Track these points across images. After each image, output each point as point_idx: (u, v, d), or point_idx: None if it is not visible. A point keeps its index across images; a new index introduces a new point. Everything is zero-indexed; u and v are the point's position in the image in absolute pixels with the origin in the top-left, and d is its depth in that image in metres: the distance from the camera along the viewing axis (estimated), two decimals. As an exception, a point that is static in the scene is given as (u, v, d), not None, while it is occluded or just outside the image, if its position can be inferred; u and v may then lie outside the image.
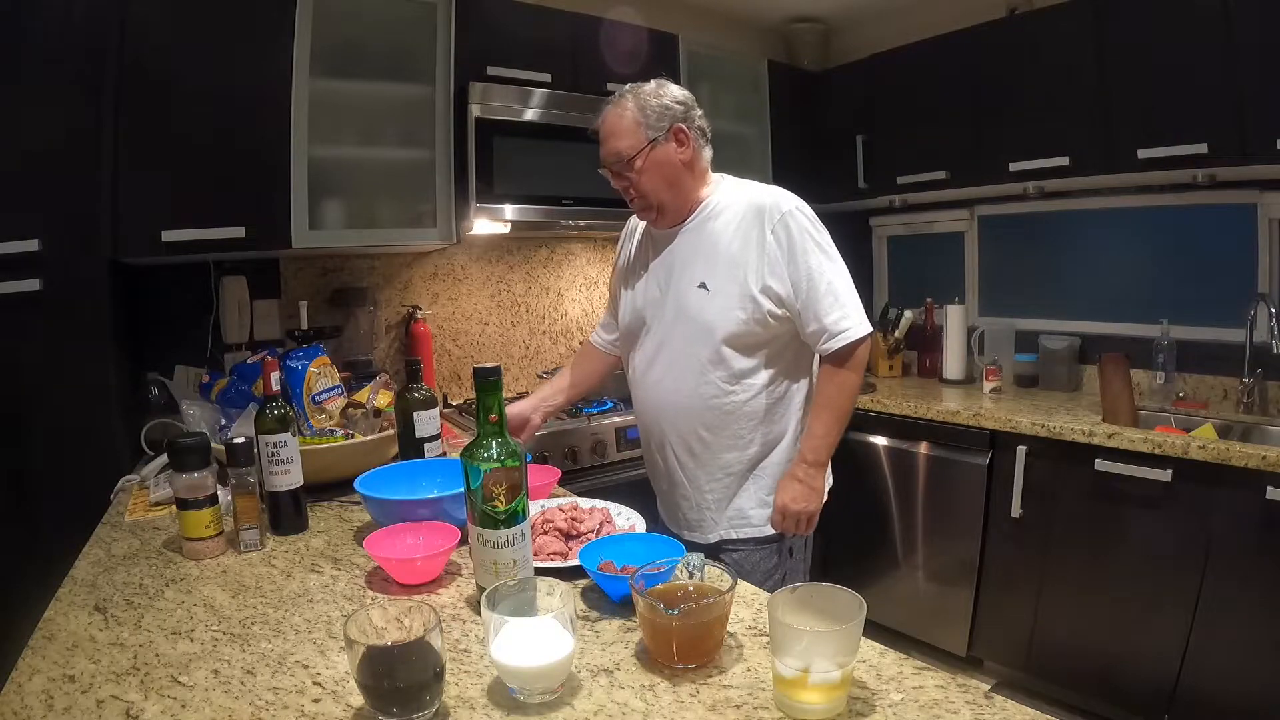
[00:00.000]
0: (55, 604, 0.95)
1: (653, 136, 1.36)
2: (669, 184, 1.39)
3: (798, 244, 1.34)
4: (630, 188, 1.41)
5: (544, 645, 0.69)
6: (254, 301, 2.12)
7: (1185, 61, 1.95)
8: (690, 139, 1.39)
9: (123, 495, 1.45)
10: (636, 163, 1.37)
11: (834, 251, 1.38)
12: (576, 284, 2.79)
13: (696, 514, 1.49)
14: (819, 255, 1.35)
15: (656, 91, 1.38)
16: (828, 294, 1.34)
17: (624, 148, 1.37)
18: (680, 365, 1.42)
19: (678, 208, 1.43)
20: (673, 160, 1.38)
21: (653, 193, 1.39)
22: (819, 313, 1.34)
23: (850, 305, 1.36)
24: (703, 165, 1.44)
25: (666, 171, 1.38)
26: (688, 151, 1.39)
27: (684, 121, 1.38)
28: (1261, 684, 1.68)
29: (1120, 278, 2.48)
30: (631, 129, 1.36)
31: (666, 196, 1.40)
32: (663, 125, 1.36)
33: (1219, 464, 1.71)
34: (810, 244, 1.35)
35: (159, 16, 1.66)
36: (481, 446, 0.86)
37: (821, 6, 3.01)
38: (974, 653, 2.29)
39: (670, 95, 1.39)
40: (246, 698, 0.72)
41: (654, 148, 1.37)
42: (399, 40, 2.01)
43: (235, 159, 1.76)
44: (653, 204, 1.41)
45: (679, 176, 1.40)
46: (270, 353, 1.59)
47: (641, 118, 1.36)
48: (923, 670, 0.74)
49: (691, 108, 1.41)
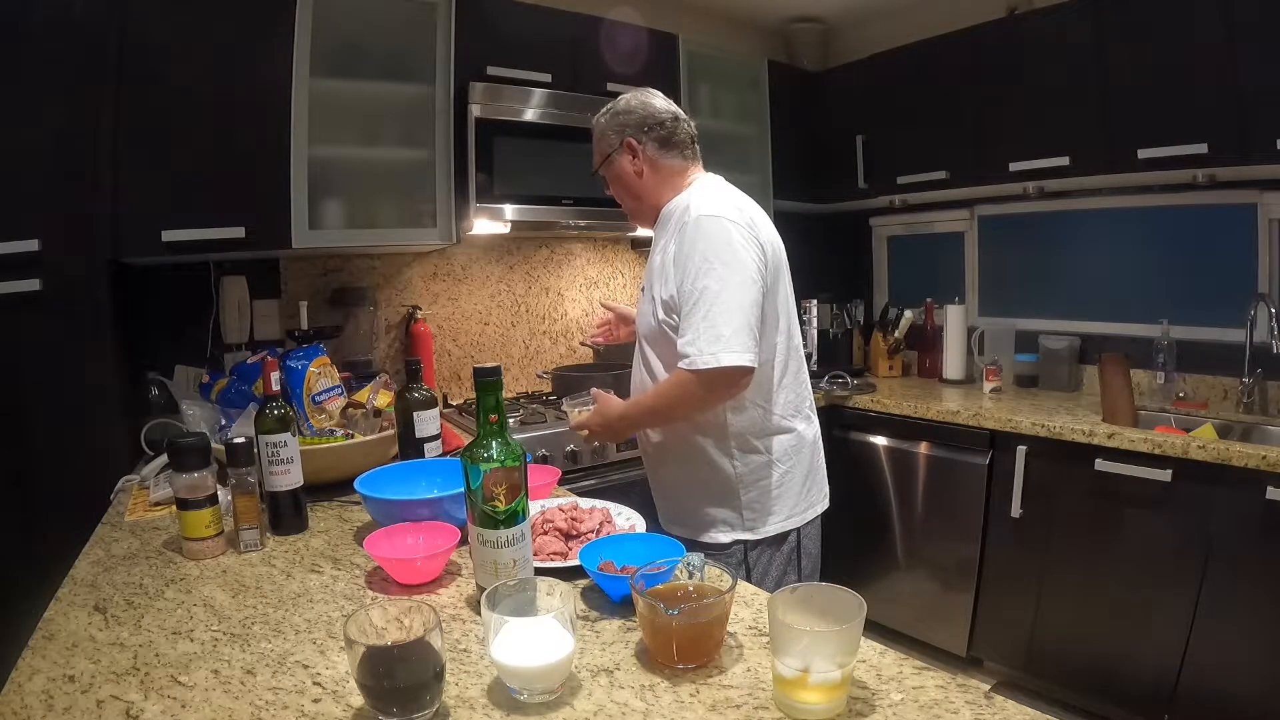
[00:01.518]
0: (55, 604, 0.95)
1: (609, 151, 1.45)
2: (630, 193, 1.47)
3: (687, 252, 1.29)
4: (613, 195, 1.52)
5: (544, 645, 0.69)
6: (254, 301, 2.12)
7: (1185, 61, 1.95)
8: (640, 150, 1.42)
9: (123, 495, 1.45)
10: (603, 173, 1.49)
11: (724, 268, 1.26)
12: (576, 284, 2.79)
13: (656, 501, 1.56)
14: (701, 268, 1.26)
15: (617, 107, 1.45)
16: (693, 310, 1.26)
17: (594, 159, 1.50)
18: (635, 368, 1.49)
19: (644, 214, 1.49)
20: (627, 171, 1.44)
21: (621, 199, 1.51)
22: (683, 328, 1.28)
23: (707, 329, 1.24)
24: (666, 171, 1.43)
25: (625, 182, 1.46)
26: (640, 163, 1.43)
27: (635, 134, 1.41)
28: (1262, 684, 1.68)
29: (1120, 278, 2.48)
30: (598, 140, 1.48)
31: (631, 204, 1.50)
32: (616, 140, 1.43)
33: (1219, 464, 1.71)
34: (695, 255, 1.27)
35: (159, 16, 1.66)
36: (481, 446, 0.86)
37: (821, 6, 3.01)
38: (974, 653, 2.29)
39: (627, 110, 1.43)
40: (246, 698, 0.72)
41: (610, 161, 1.45)
42: (399, 40, 2.01)
43: (235, 159, 1.76)
44: (627, 209, 1.52)
45: (635, 186, 1.45)
46: (270, 353, 1.60)
47: (604, 129, 1.45)
48: (923, 670, 0.74)
49: (647, 116, 1.41)
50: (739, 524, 1.41)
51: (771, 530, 1.42)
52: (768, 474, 1.41)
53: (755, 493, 1.41)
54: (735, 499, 1.41)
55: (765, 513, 1.41)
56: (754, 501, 1.41)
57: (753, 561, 1.43)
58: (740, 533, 1.41)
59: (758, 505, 1.41)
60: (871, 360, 2.97)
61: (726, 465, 1.40)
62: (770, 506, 1.42)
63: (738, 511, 1.41)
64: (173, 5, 1.68)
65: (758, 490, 1.41)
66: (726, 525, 1.42)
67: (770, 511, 1.42)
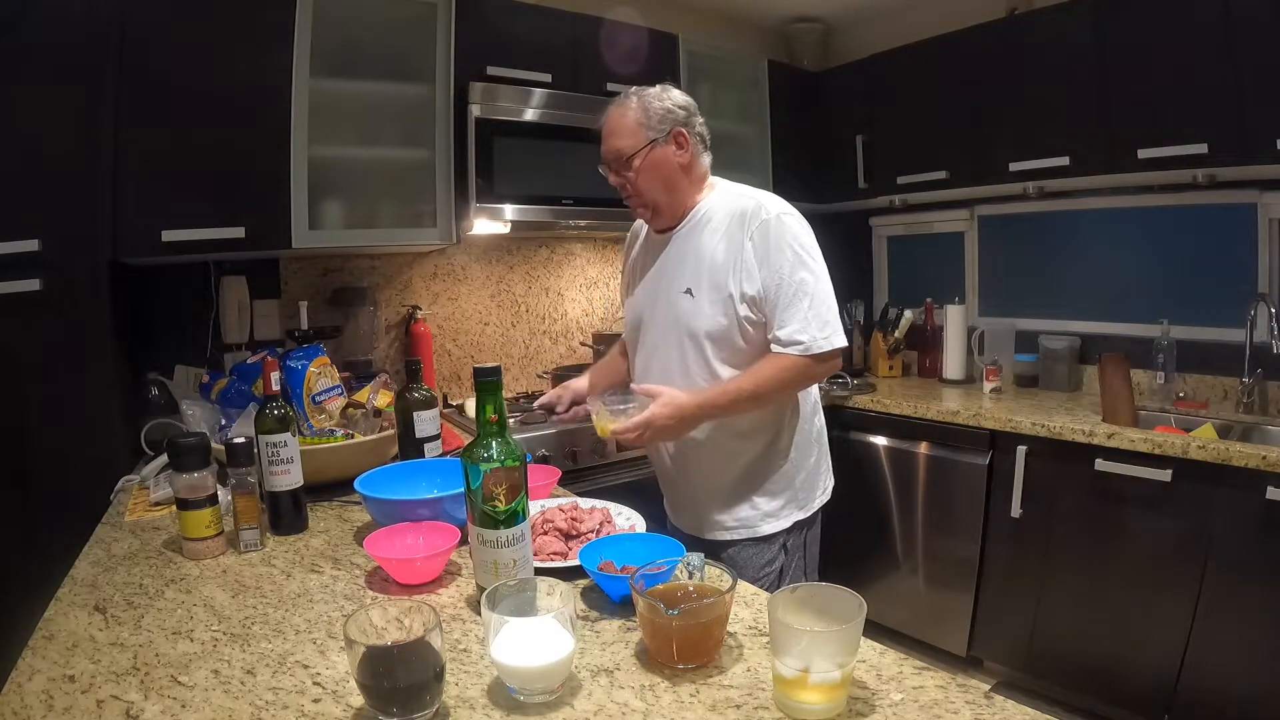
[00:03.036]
0: (55, 604, 0.95)
1: (652, 138, 1.39)
2: (665, 186, 1.42)
3: (773, 248, 1.33)
4: (627, 186, 1.43)
5: (544, 645, 0.69)
6: (254, 301, 2.12)
7: (1185, 61, 1.95)
8: (689, 143, 1.42)
9: (123, 495, 1.45)
10: (635, 162, 1.40)
11: (815, 261, 1.35)
12: (576, 284, 2.79)
13: (693, 514, 1.52)
14: (794, 262, 1.33)
15: (660, 95, 1.42)
16: (795, 302, 1.32)
17: (624, 146, 1.40)
18: (671, 370, 1.44)
19: (673, 210, 1.46)
20: (670, 162, 1.41)
21: (649, 192, 1.42)
22: (784, 319, 1.33)
23: (815, 317, 1.32)
24: (700, 171, 1.46)
25: (663, 173, 1.41)
26: (686, 155, 1.42)
27: (685, 126, 1.41)
28: (1262, 684, 1.68)
29: (1120, 278, 2.48)
30: (633, 129, 1.40)
31: (662, 198, 1.43)
32: (664, 128, 1.39)
33: (1219, 464, 1.71)
34: (787, 250, 1.33)
35: (159, 16, 1.66)
36: (481, 446, 0.86)
37: (821, 6, 3.01)
38: (974, 653, 2.29)
39: (673, 99, 1.42)
40: (246, 698, 0.72)
41: (653, 149, 1.40)
42: (399, 40, 2.01)
43: (235, 159, 1.76)
44: (648, 203, 1.44)
45: (675, 179, 1.42)
46: (270, 353, 1.60)
47: (644, 118, 1.39)
48: (923, 670, 0.74)
49: (693, 114, 1.44)
50: (794, 507, 1.46)
51: (815, 507, 1.50)
52: (811, 452, 1.50)
53: (804, 474, 1.48)
54: (790, 482, 1.46)
55: (810, 490, 1.49)
56: (805, 482, 1.48)
57: (792, 545, 1.48)
58: (796, 514, 1.46)
59: (807, 485, 1.48)
60: (871, 360, 2.97)
61: (783, 450, 1.45)
62: (814, 484, 1.50)
63: (792, 495, 1.46)
64: (173, 5, 1.68)
65: (805, 471, 1.48)
66: (779, 513, 1.46)
67: (814, 488, 1.50)
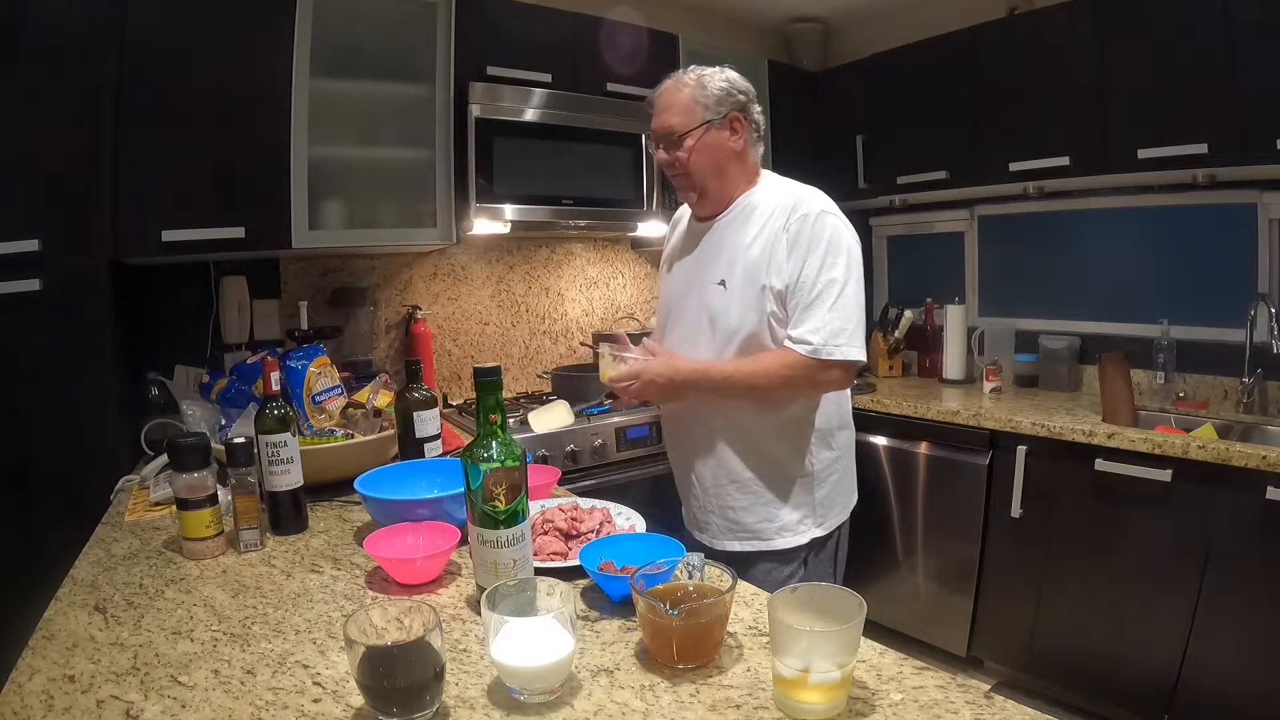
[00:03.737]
0: (55, 604, 0.95)
1: (708, 118, 1.35)
2: (716, 170, 1.38)
3: (807, 244, 1.29)
4: (675, 164, 1.39)
5: (544, 645, 0.69)
6: (254, 301, 2.12)
7: (1185, 61, 1.95)
8: (745, 130, 1.38)
9: (123, 495, 1.45)
10: (687, 141, 1.36)
11: (847, 267, 1.30)
12: (576, 284, 2.79)
13: (704, 517, 1.48)
14: (825, 262, 1.29)
15: (720, 75, 1.37)
16: (817, 302, 1.28)
17: (676, 124, 1.36)
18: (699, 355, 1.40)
19: (719, 196, 1.41)
20: (724, 146, 1.37)
21: (698, 175, 1.38)
22: (801, 318, 1.29)
23: (832, 321, 1.27)
24: (752, 161, 1.42)
25: (716, 156, 1.37)
26: (739, 141, 1.38)
27: (742, 112, 1.37)
28: (1262, 684, 1.68)
29: (1120, 278, 2.48)
30: (688, 106, 1.35)
31: (712, 182, 1.39)
32: (721, 110, 1.35)
33: (1219, 464, 1.71)
34: (820, 248, 1.29)
35: (159, 16, 1.66)
36: (481, 446, 0.86)
37: (821, 6, 3.01)
38: (974, 653, 2.29)
39: (732, 82, 1.37)
40: (246, 698, 0.72)
41: (708, 130, 1.35)
42: (399, 40, 2.01)
43: (235, 159, 1.76)
44: (696, 186, 1.40)
45: (726, 164, 1.38)
46: (270, 353, 1.59)
47: (701, 96, 1.35)
48: (923, 670, 0.74)
49: (752, 100, 1.40)
50: (810, 522, 1.41)
51: (833, 525, 1.44)
52: (835, 469, 1.44)
53: (825, 489, 1.42)
54: (809, 496, 1.41)
55: (830, 507, 1.44)
56: (824, 498, 1.42)
57: (810, 562, 1.43)
58: (813, 530, 1.42)
59: (826, 501, 1.43)
60: (871, 360, 2.96)
61: (804, 462, 1.40)
62: (834, 500, 1.44)
63: (810, 509, 1.41)
64: (173, 5, 1.68)
65: (827, 486, 1.43)
66: (795, 527, 1.41)
67: (833, 505, 1.45)
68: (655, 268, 3.00)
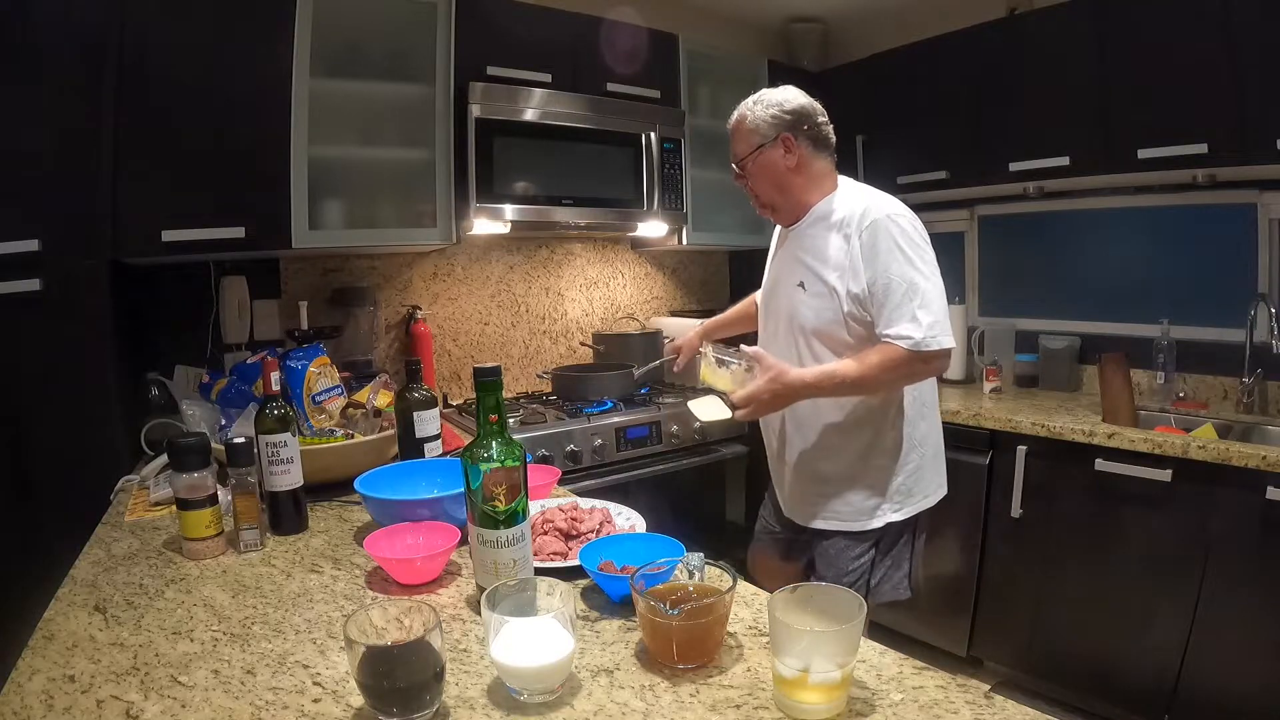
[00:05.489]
0: (55, 604, 0.95)
1: (759, 142, 1.46)
2: (777, 187, 1.49)
3: (880, 248, 1.37)
4: (746, 186, 1.53)
5: (544, 645, 0.69)
6: (254, 301, 2.12)
7: (1185, 61, 1.95)
8: (796, 147, 1.45)
9: (123, 495, 1.45)
10: (748, 165, 1.49)
11: (925, 263, 1.38)
12: (576, 284, 2.79)
13: (793, 499, 1.58)
14: (901, 261, 1.36)
15: (772, 99, 1.47)
16: (905, 301, 1.34)
17: (739, 150, 1.50)
18: (783, 359, 1.46)
19: (790, 209, 1.51)
20: (779, 165, 1.46)
21: (763, 193, 1.51)
22: (892, 318, 1.35)
23: (925, 314, 1.34)
24: (816, 171, 1.49)
25: (773, 175, 1.48)
26: (793, 159, 1.46)
27: (791, 130, 1.45)
28: (1262, 684, 1.68)
29: (1120, 278, 2.48)
30: (746, 133, 1.48)
31: (777, 198, 1.51)
32: (772, 133, 1.45)
33: (1219, 464, 1.71)
34: (894, 250, 1.36)
35: (159, 16, 1.66)
36: (481, 446, 0.86)
37: (821, 6, 3.01)
38: (974, 653, 2.29)
39: (781, 104, 1.46)
40: (246, 698, 0.72)
41: (760, 153, 1.47)
42: (399, 40, 2.01)
43: (235, 159, 1.76)
44: (765, 203, 1.53)
45: (786, 180, 1.48)
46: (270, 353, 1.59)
47: (754, 123, 1.46)
48: (923, 670, 0.74)
49: (804, 117, 1.47)
50: (888, 507, 1.49)
51: (911, 512, 1.50)
52: (913, 458, 1.50)
53: (902, 476, 1.49)
54: (886, 482, 1.48)
55: (908, 494, 1.50)
56: (902, 485, 1.49)
57: (885, 545, 1.49)
58: (889, 515, 1.48)
59: (904, 488, 1.49)
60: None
61: (883, 449, 1.48)
62: (912, 488, 1.50)
63: (888, 495, 1.48)
64: (173, 5, 1.68)
65: (904, 474, 1.49)
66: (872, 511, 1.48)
67: (911, 493, 1.50)
68: (654, 268, 3.01)
